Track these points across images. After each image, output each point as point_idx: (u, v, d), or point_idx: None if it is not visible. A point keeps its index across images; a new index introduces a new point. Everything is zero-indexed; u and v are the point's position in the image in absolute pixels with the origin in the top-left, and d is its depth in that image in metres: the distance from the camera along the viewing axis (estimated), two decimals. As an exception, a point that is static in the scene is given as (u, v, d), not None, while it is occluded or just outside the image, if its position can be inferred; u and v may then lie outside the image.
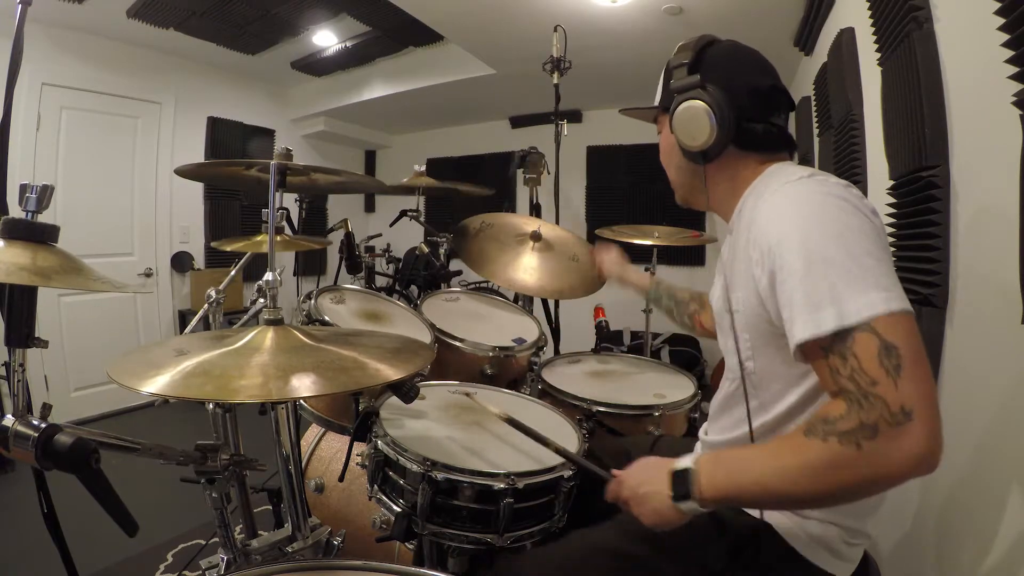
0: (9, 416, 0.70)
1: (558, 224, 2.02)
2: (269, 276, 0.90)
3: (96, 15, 3.18)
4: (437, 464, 0.93)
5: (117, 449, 0.80)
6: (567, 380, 1.49)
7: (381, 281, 3.48)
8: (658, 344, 3.82)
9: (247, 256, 1.48)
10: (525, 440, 1.00)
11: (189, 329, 1.43)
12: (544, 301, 2.35)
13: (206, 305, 1.34)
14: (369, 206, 5.81)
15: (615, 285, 1.52)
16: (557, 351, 2.21)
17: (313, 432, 1.65)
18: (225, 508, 1.08)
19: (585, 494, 1.02)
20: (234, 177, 1.51)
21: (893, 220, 1.32)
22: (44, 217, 0.82)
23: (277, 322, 0.87)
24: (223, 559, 1.13)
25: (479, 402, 1.15)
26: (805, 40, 2.60)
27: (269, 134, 4.69)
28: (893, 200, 1.33)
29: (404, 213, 2.26)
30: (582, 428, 1.17)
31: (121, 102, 3.65)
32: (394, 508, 0.98)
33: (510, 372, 1.57)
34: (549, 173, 2.42)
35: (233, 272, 1.46)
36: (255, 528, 1.24)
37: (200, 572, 1.18)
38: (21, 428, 0.70)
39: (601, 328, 2.17)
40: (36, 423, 0.70)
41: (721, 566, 0.83)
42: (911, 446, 0.56)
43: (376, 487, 1.02)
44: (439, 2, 2.76)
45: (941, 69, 1.13)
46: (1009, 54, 0.81)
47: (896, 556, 1.27)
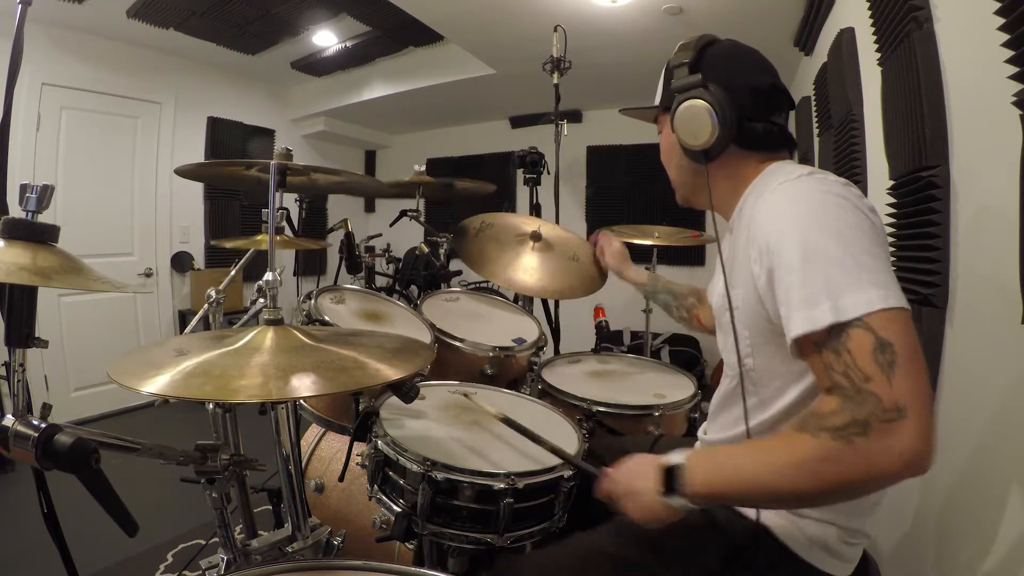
0: (9, 416, 0.70)
1: (558, 224, 2.02)
2: (269, 276, 0.90)
3: (96, 15, 3.19)
4: (437, 464, 0.93)
5: (117, 449, 0.80)
6: (567, 380, 1.49)
7: (381, 281, 3.49)
8: (658, 344, 3.82)
9: (247, 256, 1.48)
10: (525, 440, 1.00)
11: (189, 329, 1.43)
12: (544, 301, 2.34)
13: (206, 305, 1.34)
14: (369, 206, 5.81)
15: (614, 278, 1.56)
16: (557, 351, 2.21)
17: (313, 432, 1.65)
18: (225, 508, 1.08)
19: (585, 494, 1.02)
20: (234, 177, 1.51)
21: (893, 220, 1.32)
22: (44, 217, 0.82)
23: (277, 322, 0.87)
24: (223, 559, 1.13)
25: (476, 402, 1.15)
26: (805, 40, 2.60)
27: (269, 134, 4.69)
28: (893, 200, 1.33)
29: (404, 213, 2.25)
30: (582, 428, 1.17)
31: (121, 102, 3.66)
32: (394, 508, 0.98)
33: (510, 372, 1.57)
34: (549, 173, 2.41)
35: (233, 272, 1.46)
36: (255, 528, 1.24)
37: (200, 572, 1.18)
38: (21, 428, 0.70)
39: (601, 328, 2.16)
40: (36, 423, 0.70)
41: (719, 569, 0.83)
42: (903, 444, 0.55)
43: (376, 487, 1.02)
44: (439, 2, 2.76)
45: (941, 69, 1.13)
46: (1009, 54, 0.81)
47: (896, 556, 1.27)
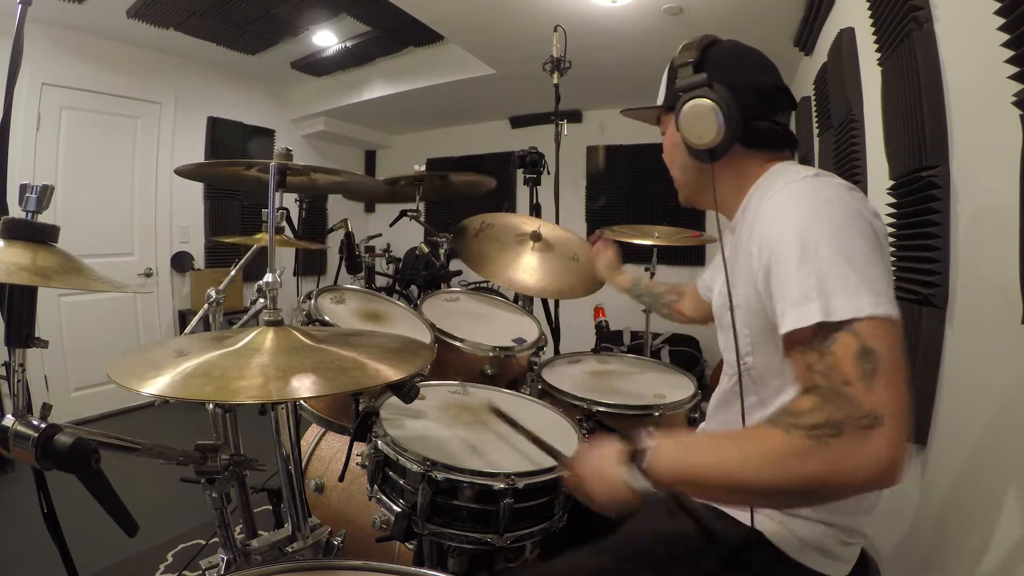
0: (9, 416, 0.70)
1: (558, 224, 2.02)
2: (269, 278, 0.90)
3: (96, 15, 3.18)
4: (437, 464, 0.93)
5: (117, 449, 0.80)
6: (567, 380, 1.49)
7: (381, 281, 3.48)
8: (658, 344, 3.82)
9: (247, 256, 1.48)
10: (525, 440, 1.00)
11: (189, 329, 1.42)
12: (544, 301, 2.34)
13: (206, 305, 1.34)
14: (369, 206, 5.80)
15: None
16: (557, 351, 2.21)
17: (313, 432, 1.65)
18: (225, 508, 1.07)
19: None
20: (234, 177, 1.51)
21: (893, 220, 1.32)
22: (44, 217, 0.82)
23: (277, 323, 0.87)
24: (223, 559, 1.13)
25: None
26: (805, 40, 2.60)
27: (269, 134, 4.69)
28: (893, 200, 1.33)
29: (404, 213, 2.25)
30: (582, 428, 1.17)
31: (121, 102, 3.66)
32: (394, 508, 0.98)
33: (510, 372, 1.57)
34: (549, 173, 2.41)
35: (233, 272, 1.45)
36: (255, 528, 1.24)
37: (200, 572, 1.18)
38: (21, 428, 0.70)
39: (601, 328, 2.17)
40: (36, 423, 0.70)
41: (714, 575, 0.83)
42: (874, 452, 0.55)
43: (376, 487, 1.02)
44: (439, 2, 2.76)
45: (941, 69, 1.13)
46: (1009, 54, 0.81)
47: (896, 556, 1.27)
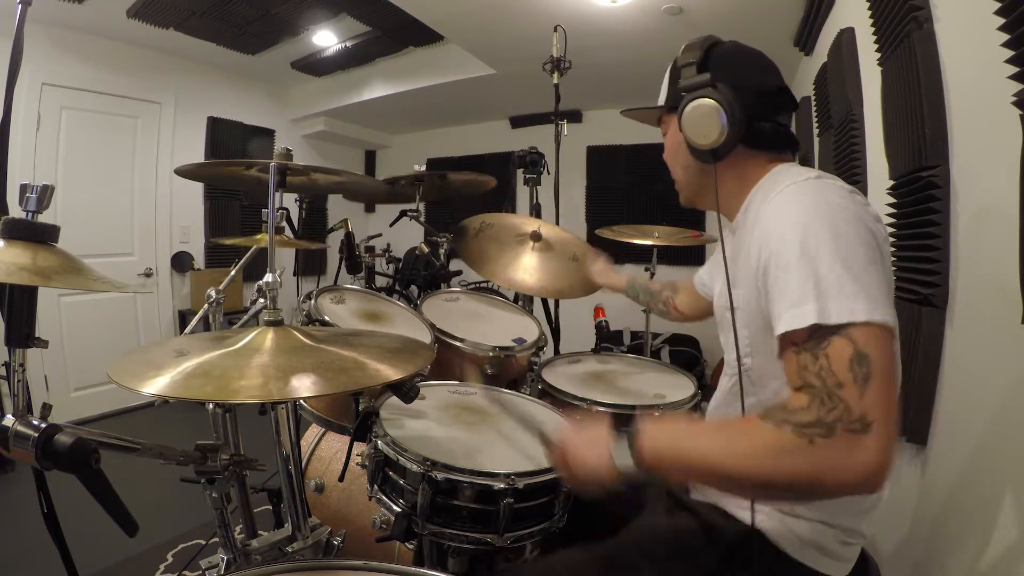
0: (9, 416, 0.70)
1: (558, 224, 2.01)
2: (269, 278, 0.90)
3: (96, 15, 3.18)
4: (437, 464, 0.93)
5: (117, 449, 0.80)
6: (567, 380, 1.49)
7: (381, 281, 3.48)
8: (658, 344, 3.82)
9: (247, 255, 1.48)
10: (525, 440, 1.00)
11: (189, 329, 1.42)
12: (544, 301, 2.34)
13: (206, 305, 1.34)
14: (369, 206, 5.79)
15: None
16: (557, 351, 2.21)
17: (313, 432, 1.65)
18: (225, 508, 1.07)
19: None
20: (234, 177, 1.51)
21: (893, 220, 1.32)
22: (44, 217, 0.82)
23: (277, 323, 0.87)
24: (223, 559, 1.13)
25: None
26: (805, 40, 2.60)
27: (269, 134, 4.69)
28: (893, 200, 1.33)
29: (404, 213, 2.25)
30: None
31: (121, 102, 3.66)
32: (394, 508, 0.98)
33: (510, 372, 1.57)
34: (549, 173, 2.41)
35: (233, 272, 1.46)
36: (255, 528, 1.24)
37: (200, 572, 1.18)
38: (21, 428, 0.70)
39: (601, 328, 2.16)
40: (36, 423, 0.70)
41: (714, 573, 0.83)
42: (861, 456, 0.55)
43: (376, 487, 1.02)
44: (439, 2, 2.76)
45: (941, 69, 1.13)
46: (1009, 54, 0.81)
47: (896, 556, 1.27)
